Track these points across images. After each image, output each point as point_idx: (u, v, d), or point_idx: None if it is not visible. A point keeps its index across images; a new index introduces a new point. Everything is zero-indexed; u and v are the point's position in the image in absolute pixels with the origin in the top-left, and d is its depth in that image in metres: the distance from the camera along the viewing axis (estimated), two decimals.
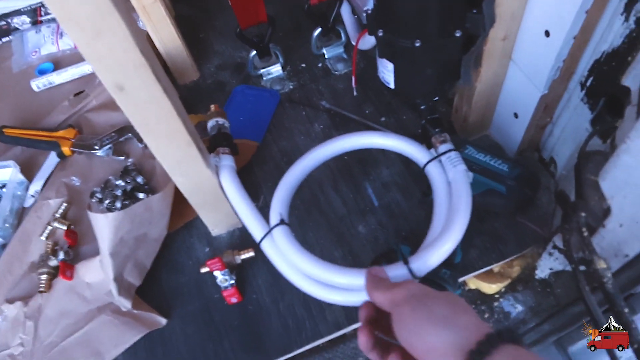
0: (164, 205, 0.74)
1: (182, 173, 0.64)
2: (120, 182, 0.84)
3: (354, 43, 0.91)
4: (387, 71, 0.66)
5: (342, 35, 0.97)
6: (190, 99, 0.97)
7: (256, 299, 0.73)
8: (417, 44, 0.58)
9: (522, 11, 0.63)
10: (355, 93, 0.91)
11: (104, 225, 0.67)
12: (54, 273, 0.77)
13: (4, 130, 0.93)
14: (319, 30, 0.95)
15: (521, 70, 0.69)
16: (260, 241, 0.61)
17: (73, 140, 0.91)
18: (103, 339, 0.72)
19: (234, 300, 0.73)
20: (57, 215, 0.83)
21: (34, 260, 0.79)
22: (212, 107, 0.78)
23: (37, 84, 1.03)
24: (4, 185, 0.88)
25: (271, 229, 0.60)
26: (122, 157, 0.89)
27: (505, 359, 0.32)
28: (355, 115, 0.88)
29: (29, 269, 0.79)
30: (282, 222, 0.60)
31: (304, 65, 0.99)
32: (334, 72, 0.97)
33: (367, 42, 0.85)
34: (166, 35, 0.90)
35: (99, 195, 0.84)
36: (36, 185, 0.88)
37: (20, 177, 0.88)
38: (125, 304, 0.71)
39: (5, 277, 0.78)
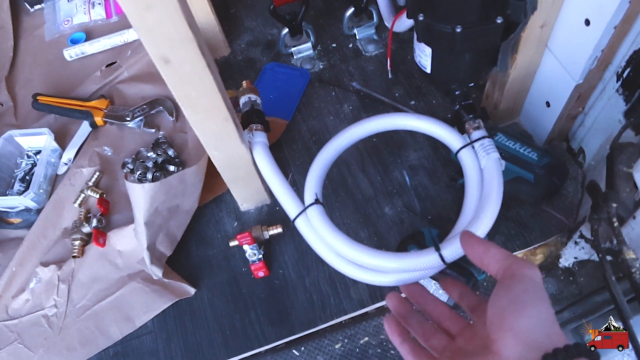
0: (197, 178, 0.75)
1: (218, 147, 0.65)
2: (151, 154, 0.85)
3: (387, 24, 0.91)
4: (424, 55, 0.66)
5: (374, 16, 0.96)
6: (221, 74, 0.96)
7: (282, 274, 0.75)
8: (458, 30, 0.58)
9: None
10: (390, 75, 0.91)
11: (141, 195, 0.68)
12: (86, 239, 0.79)
13: (38, 98, 0.94)
14: (351, 10, 0.94)
15: (557, 58, 0.69)
16: (295, 219, 0.62)
17: (105, 111, 0.92)
18: (134, 305, 0.74)
19: (261, 274, 0.74)
20: (90, 183, 0.84)
21: (67, 226, 0.82)
22: (244, 83, 0.77)
23: (70, 53, 1.04)
24: (38, 152, 0.90)
25: (306, 207, 0.61)
26: (153, 130, 0.90)
27: None
28: (385, 97, 0.89)
29: (62, 235, 0.81)
30: (317, 201, 0.61)
31: (334, 45, 0.99)
32: (365, 53, 0.96)
33: (401, 24, 0.85)
34: (200, 9, 0.90)
35: (130, 166, 0.85)
36: (69, 154, 0.90)
37: (54, 144, 0.89)
38: (157, 272, 0.73)
39: (40, 241, 0.81)
